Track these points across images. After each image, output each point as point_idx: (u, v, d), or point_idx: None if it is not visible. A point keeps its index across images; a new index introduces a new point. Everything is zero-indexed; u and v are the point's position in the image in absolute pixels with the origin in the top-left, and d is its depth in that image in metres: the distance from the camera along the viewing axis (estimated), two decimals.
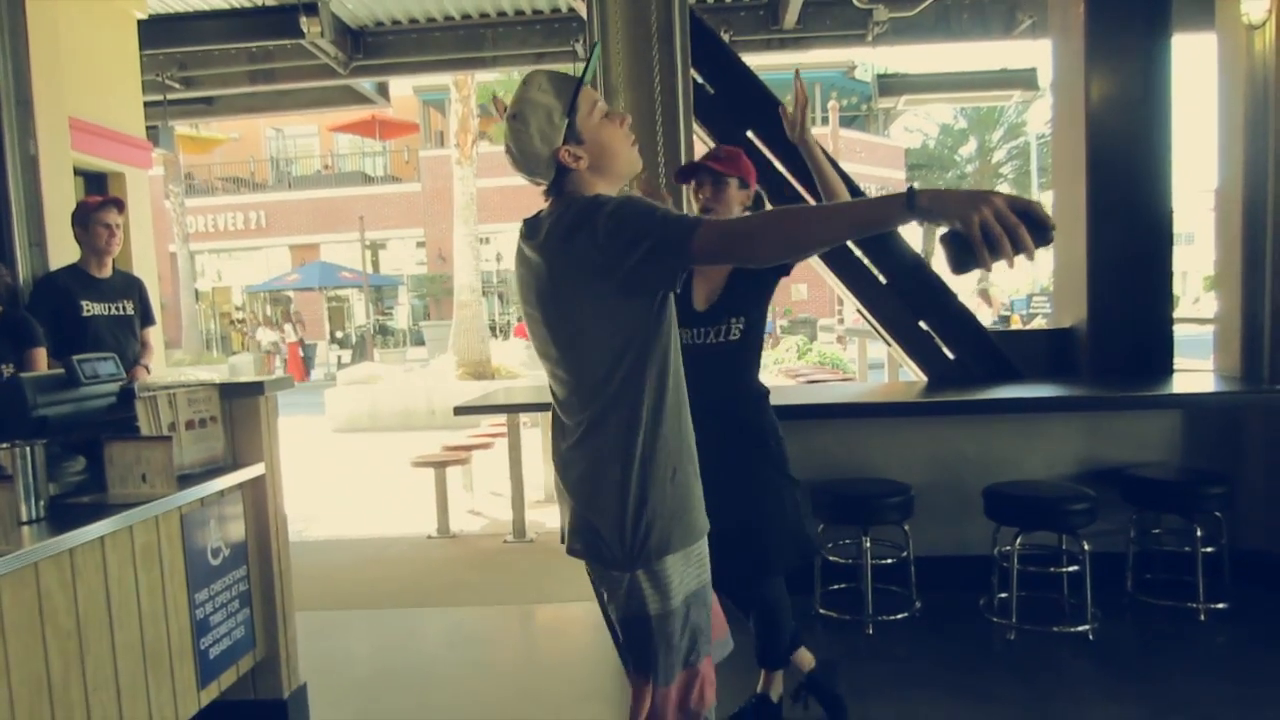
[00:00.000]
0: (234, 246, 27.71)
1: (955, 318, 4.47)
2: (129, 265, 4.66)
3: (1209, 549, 3.70)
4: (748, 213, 2.61)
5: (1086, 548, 3.50)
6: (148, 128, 6.74)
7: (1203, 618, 3.66)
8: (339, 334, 27.90)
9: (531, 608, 4.27)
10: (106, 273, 4.06)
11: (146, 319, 4.26)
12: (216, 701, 2.68)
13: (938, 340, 4.46)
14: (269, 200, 27.41)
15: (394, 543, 5.50)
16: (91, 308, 3.98)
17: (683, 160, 4.00)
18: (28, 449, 2.15)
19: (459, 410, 5.11)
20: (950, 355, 4.46)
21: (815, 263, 4.81)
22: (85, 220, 3.99)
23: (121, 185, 5.90)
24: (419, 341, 24.67)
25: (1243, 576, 3.85)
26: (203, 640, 2.57)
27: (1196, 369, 4.81)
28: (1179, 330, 4.55)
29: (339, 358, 21.70)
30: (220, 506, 2.70)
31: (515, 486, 5.38)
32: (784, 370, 10.48)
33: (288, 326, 21.96)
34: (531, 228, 1.72)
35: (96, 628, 2.14)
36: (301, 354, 21.20)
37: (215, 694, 2.63)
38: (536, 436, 6.69)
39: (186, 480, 2.59)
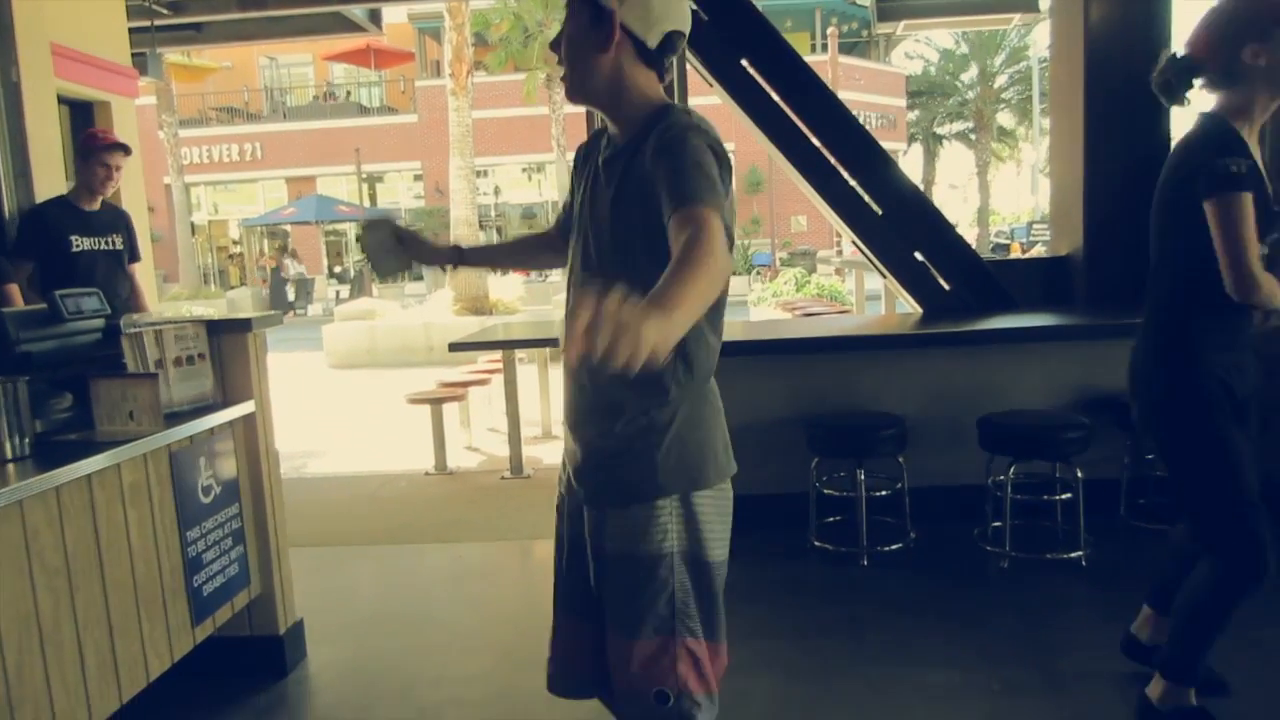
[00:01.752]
0: (230, 179, 27.43)
1: (951, 248, 4.41)
2: (117, 199, 4.57)
3: None
4: None
5: (1080, 475, 3.50)
6: (134, 55, 6.58)
7: None
8: (337, 269, 27.79)
9: (529, 543, 4.31)
10: (95, 206, 4.00)
11: (133, 255, 4.21)
12: (213, 637, 2.71)
13: (933, 271, 4.40)
14: (264, 131, 27.02)
15: (391, 479, 5.53)
16: (80, 242, 3.94)
17: (674, 91, 3.90)
18: (11, 385, 2.13)
19: (454, 346, 5.09)
20: (946, 286, 4.41)
21: (811, 194, 4.72)
22: (89, 154, 3.91)
23: (107, 114, 5.78)
24: (418, 276, 24.56)
25: None
26: (195, 578, 2.58)
27: None
28: None
29: (337, 293, 21.64)
30: (210, 444, 2.69)
31: (512, 423, 5.38)
32: (781, 303, 10.42)
33: (287, 261, 21.83)
34: None
35: (86, 566, 2.14)
36: (271, 287, 21.23)
37: (210, 630, 2.65)
38: (533, 373, 6.68)
39: (175, 418, 2.57)
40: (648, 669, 1.59)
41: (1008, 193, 42.31)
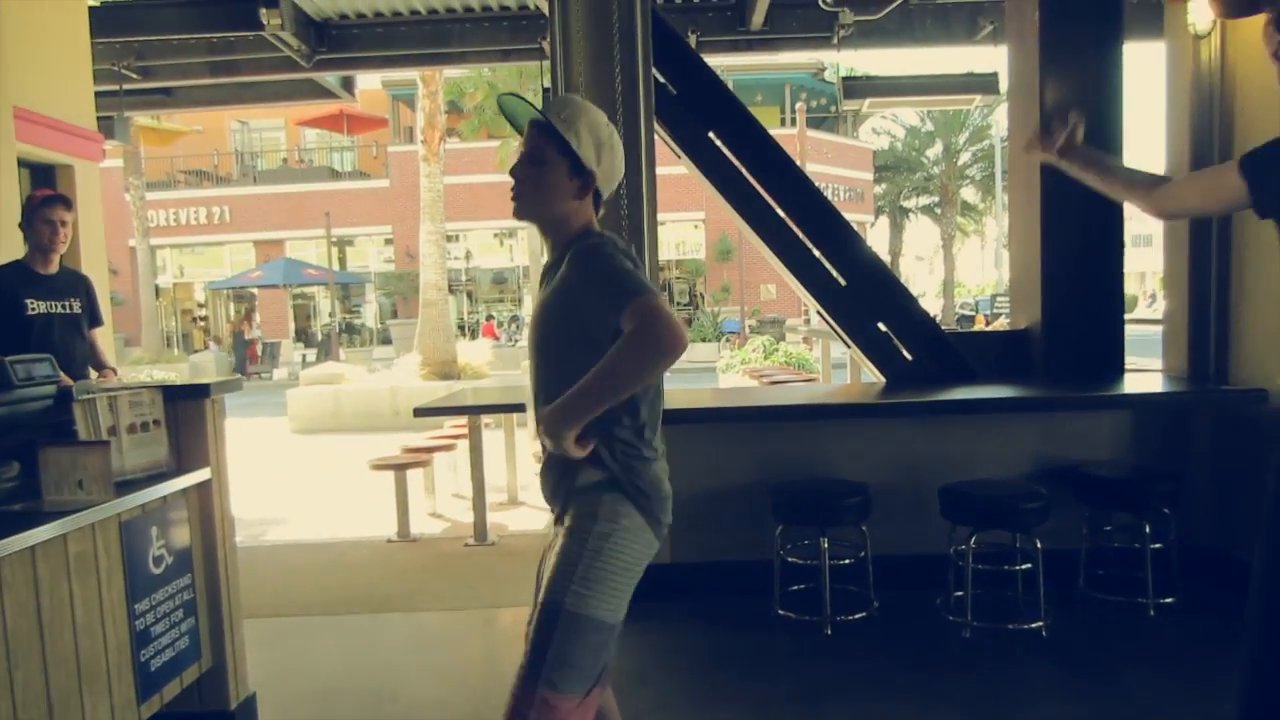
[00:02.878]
0: (196, 242, 27.31)
1: (913, 320, 4.50)
2: (77, 262, 4.55)
3: (1158, 545, 3.76)
4: None
5: (1039, 546, 3.53)
6: (102, 119, 6.59)
7: (1152, 613, 3.71)
8: (305, 332, 27.61)
9: (493, 611, 4.23)
10: (53, 269, 3.97)
11: (94, 319, 4.17)
12: (161, 713, 2.63)
13: (896, 341, 4.48)
14: (233, 195, 27.04)
15: (353, 546, 5.43)
16: (36, 306, 3.89)
17: (642, 160, 3.99)
18: None
19: (419, 412, 5.06)
20: (908, 356, 4.49)
21: (777, 262, 4.81)
22: (30, 214, 3.90)
23: (70, 179, 5.76)
24: (386, 340, 24.49)
25: (1191, 572, 3.92)
26: (143, 652, 2.51)
27: (1148, 368, 4.88)
28: (1137, 330, 4.62)
29: (304, 356, 21.46)
30: (163, 513, 2.64)
31: (476, 489, 5.33)
32: (749, 370, 10.50)
33: (246, 326, 21.67)
34: None
35: (26, 642, 2.07)
36: (259, 352, 20.99)
37: (157, 707, 2.57)
38: (499, 438, 6.65)
39: (127, 486, 2.52)
40: (515, 706, 1.78)
41: (972, 265, 43.31)
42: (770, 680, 3.30)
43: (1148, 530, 3.70)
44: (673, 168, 5.60)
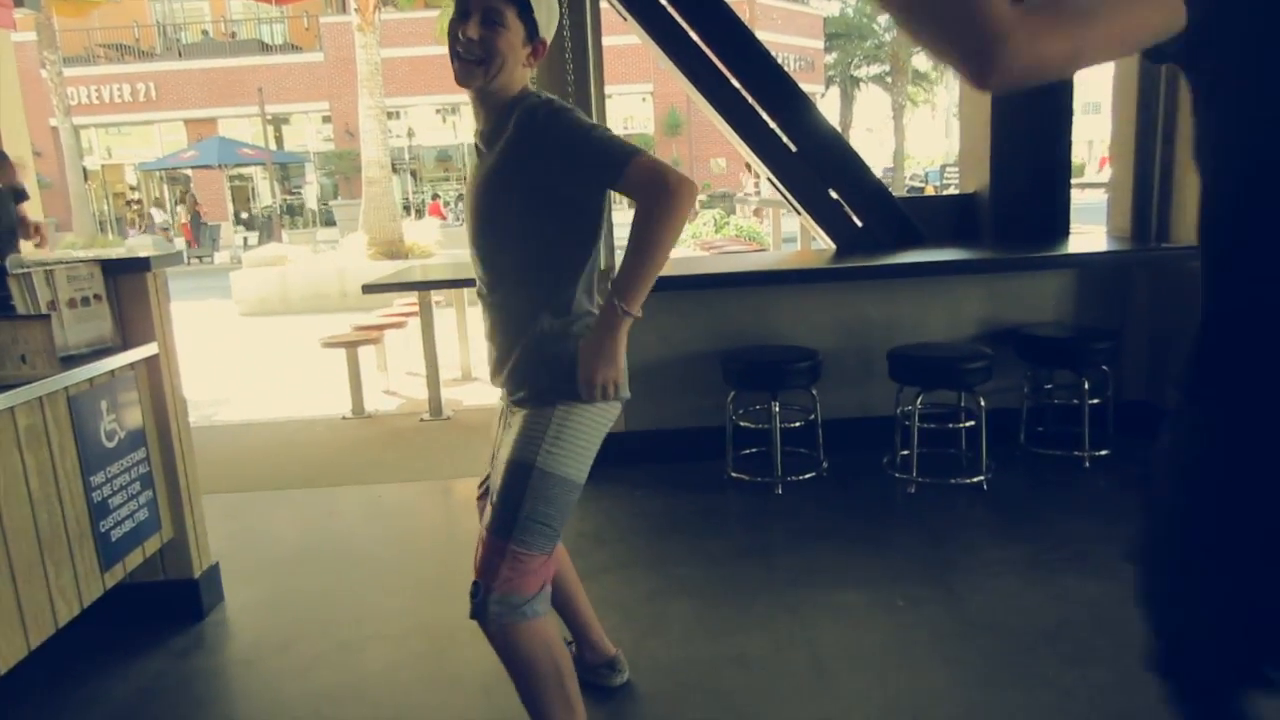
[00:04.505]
0: (123, 121, 25.95)
1: (863, 186, 4.49)
2: None
3: (1095, 401, 3.92)
4: None
5: (983, 404, 3.66)
6: None
7: (1087, 464, 3.90)
8: (244, 215, 26.73)
9: (449, 482, 4.30)
10: None
11: (19, 195, 4.00)
12: (126, 583, 2.66)
13: (846, 209, 4.48)
14: (158, 70, 25.58)
15: (308, 425, 5.43)
16: None
17: (587, 29, 3.84)
18: None
19: (368, 289, 4.99)
20: (859, 223, 4.51)
21: (728, 131, 4.74)
22: None
23: None
24: (330, 222, 23.79)
25: (1125, 426, 4.10)
26: (102, 523, 2.51)
27: (1092, 231, 4.97)
28: (1085, 196, 4.67)
29: (244, 239, 20.85)
30: (112, 388, 2.60)
31: (429, 365, 5.33)
32: (700, 243, 10.48)
33: (180, 208, 20.99)
34: None
35: None
36: (194, 234, 20.39)
37: (121, 575, 2.60)
38: (450, 315, 6.60)
39: (73, 361, 2.48)
40: (483, 561, 1.81)
41: (923, 136, 43.00)
42: (723, 538, 3.44)
43: (1086, 387, 3.85)
44: (620, 37, 5.40)
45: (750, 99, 4.38)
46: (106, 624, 2.70)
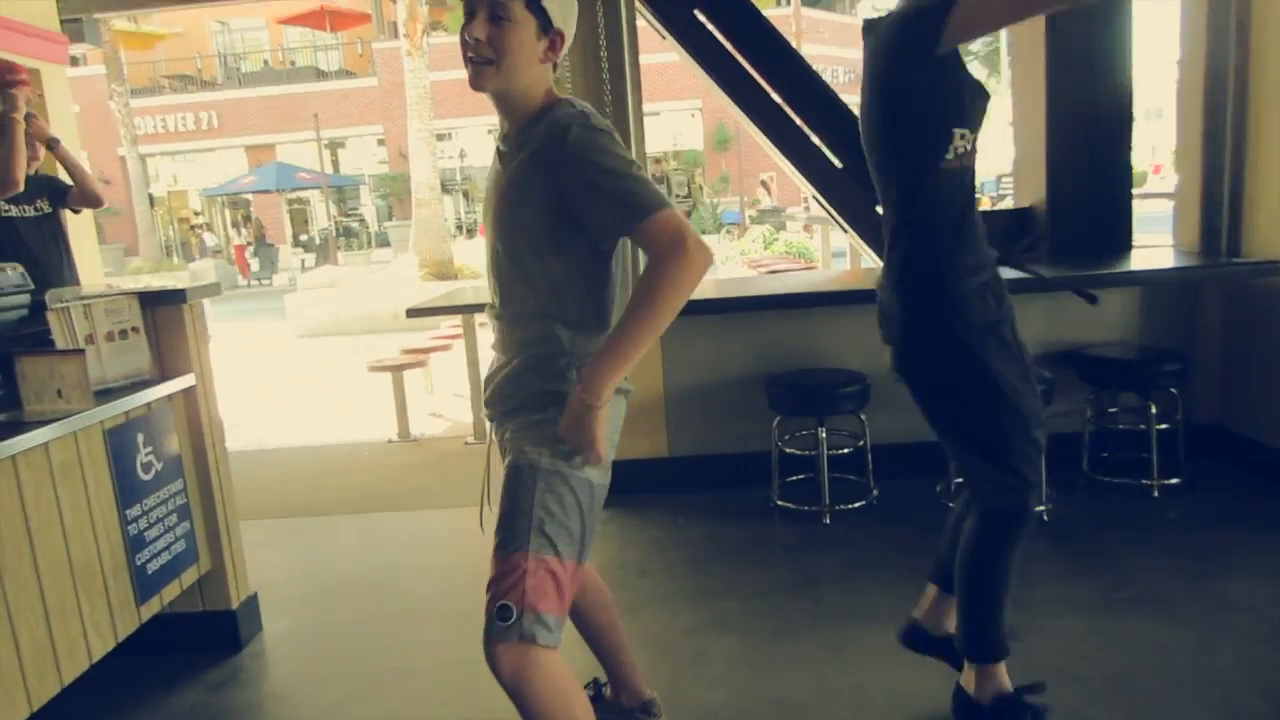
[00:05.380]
0: (186, 148, 26.76)
1: None
2: (54, 172, 4.38)
3: (1163, 426, 3.72)
4: None
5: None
6: (68, 21, 6.30)
7: (1156, 494, 3.70)
8: (303, 237, 27.33)
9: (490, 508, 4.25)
10: (19, 189, 3.80)
11: (69, 159, 4.02)
12: (164, 614, 2.65)
13: None
14: (219, 99, 26.34)
15: (354, 449, 5.45)
16: (7, 209, 3.81)
17: (624, 44, 3.79)
18: None
19: (411, 313, 4.98)
20: None
21: (774, 151, 4.65)
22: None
23: (37, 83, 5.51)
24: (384, 243, 24.24)
25: (1196, 452, 3.90)
26: (138, 556, 2.50)
27: (1157, 244, 4.76)
28: (1147, 207, 4.47)
29: (302, 261, 21.29)
30: (148, 420, 2.60)
31: (475, 388, 5.31)
32: (749, 261, 10.37)
33: (243, 230, 21.59)
34: None
35: (15, 549, 2.06)
36: (248, 256, 20.97)
37: (157, 608, 2.59)
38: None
39: (110, 394, 2.48)
40: (500, 582, 1.66)
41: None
42: (768, 570, 3.32)
43: (1153, 411, 3.65)
44: (666, 55, 5.35)
45: (794, 115, 4.28)
46: (145, 653, 2.70)
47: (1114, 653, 2.57)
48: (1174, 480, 3.74)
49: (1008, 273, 2.24)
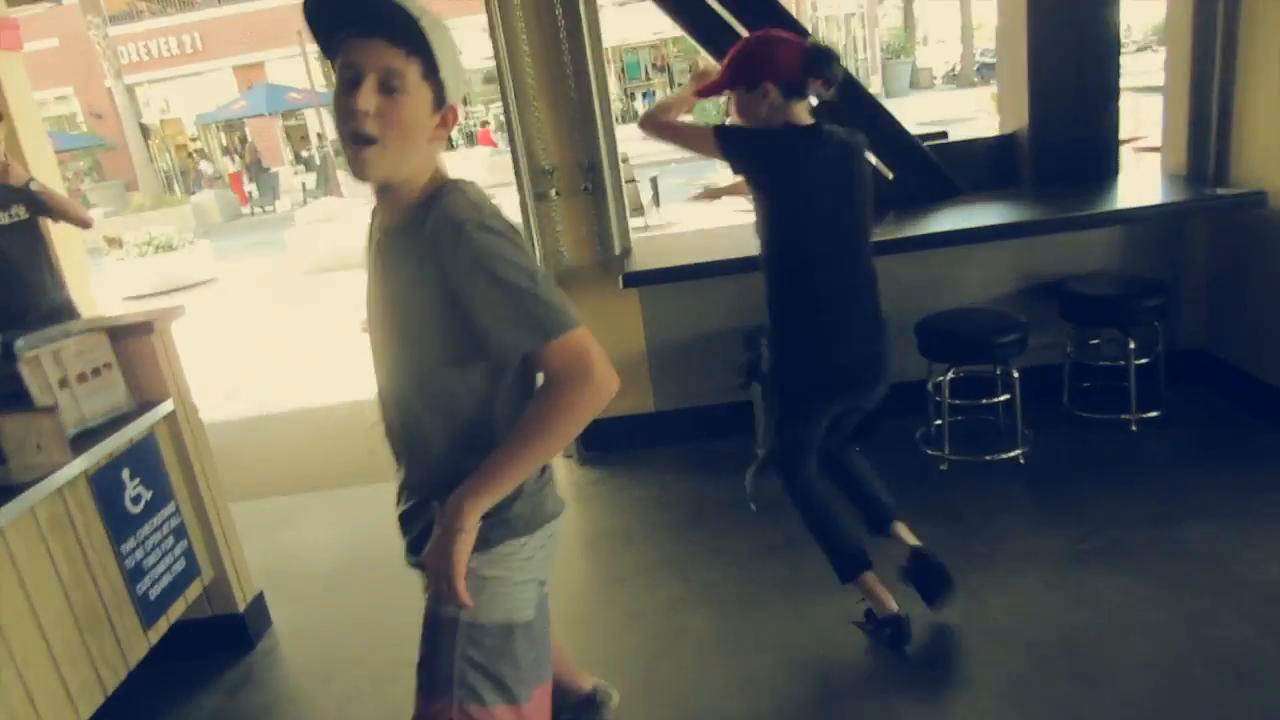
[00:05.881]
0: (173, 74, 26.21)
1: (892, 137, 4.25)
2: (21, 160, 4.34)
3: (1143, 360, 3.73)
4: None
5: (1016, 376, 3.52)
6: None
7: (1134, 428, 3.74)
8: (304, 154, 26.96)
9: None
10: None
11: (50, 198, 4.03)
12: (179, 621, 2.80)
13: (876, 161, 4.26)
14: (201, 19, 25.61)
15: (359, 407, 5.56)
16: None
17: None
18: None
19: None
20: (890, 175, 4.29)
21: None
22: None
23: None
24: None
25: (1179, 378, 3.91)
26: (139, 585, 2.64)
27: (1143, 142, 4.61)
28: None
29: (303, 183, 21.08)
30: (132, 455, 2.69)
31: None
32: (710, 193, 9.92)
33: (237, 157, 21.42)
34: None
35: (15, 612, 2.18)
36: (245, 184, 20.89)
37: (165, 629, 2.74)
38: None
39: (92, 435, 2.57)
40: None
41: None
42: (749, 533, 3.40)
43: (1132, 347, 3.65)
44: None
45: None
46: (165, 659, 2.83)
47: (1069, 612, 2.67)
48: (1153, 414, 3.77)
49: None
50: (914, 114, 17.31)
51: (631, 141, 20.52)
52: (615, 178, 3.92)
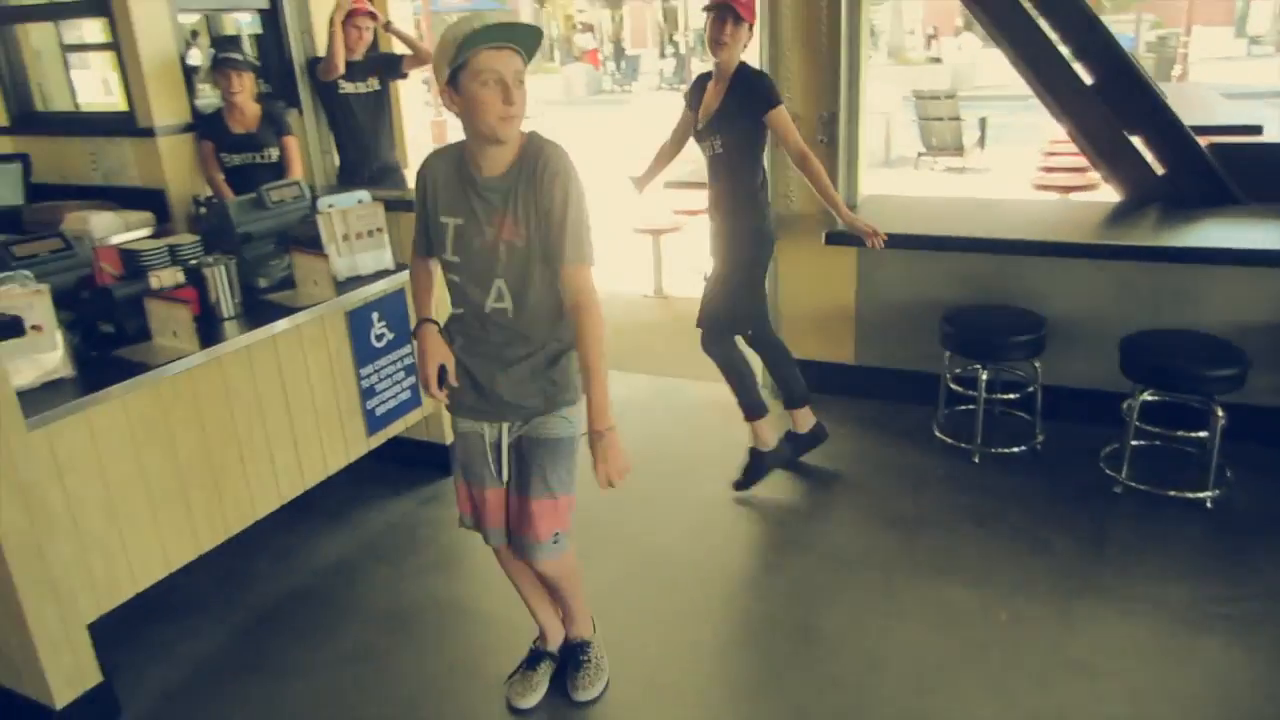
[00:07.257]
0: None
1: (1168, 128, 3.89)
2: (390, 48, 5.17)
3: None
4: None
5: (1221, 414, 3.25)
6: None
7: None
8: (675, 38, 27.97)
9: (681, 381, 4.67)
10: (356, 56, 4.69)
11: (402, 37, 4.90)
12: (403, 437, 3.62)
13: (1145, 154, 3.95)
14: None
15: (612, 299, 6.16)
16: (345, 86, 4.71)
17: None
18: (222, 266, 2.96)
19: (670, 184, 5.34)
20: (1160, 171, 3.96)
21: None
22: (345, 20, 4.57)
23: None
24: None
25: None
26: (369, 402, 3.43)
27: None
28: None
29: (661, 70, 22.07)
30: (383, 303, 3.43)
31: None
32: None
33: (589, 35, 22.83)
34: None
35: (273, 398, 3.01)
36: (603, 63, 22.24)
37: (383, 439, 3.53)
38: None
39: (358, 281, 3.33)
40: (549, 518, 2.28)
41: None
42: (889, 503, 3.52)
43: None
44: None
45: (1043, 25, 3.95)
46: (380, 461, 3.63)
47: (1160, 669, 2.56)
48: None
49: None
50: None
51: (973, 74, 18.77)
52: (851, 133, 4.00)
